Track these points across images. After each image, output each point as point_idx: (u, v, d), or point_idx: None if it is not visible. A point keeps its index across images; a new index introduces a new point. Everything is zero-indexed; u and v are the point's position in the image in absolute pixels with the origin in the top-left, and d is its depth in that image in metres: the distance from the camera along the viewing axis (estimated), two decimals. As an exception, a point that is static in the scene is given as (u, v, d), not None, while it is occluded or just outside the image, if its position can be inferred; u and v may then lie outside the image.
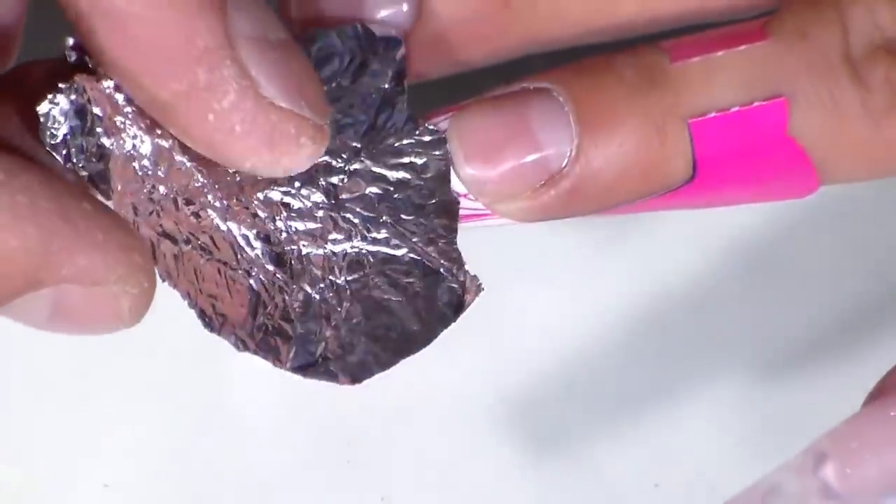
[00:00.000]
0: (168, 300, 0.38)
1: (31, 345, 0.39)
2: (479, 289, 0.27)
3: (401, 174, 0.27)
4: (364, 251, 0.27)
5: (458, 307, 0.27)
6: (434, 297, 0.27)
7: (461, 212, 0.27)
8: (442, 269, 0.27)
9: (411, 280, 0.27)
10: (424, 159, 0.27)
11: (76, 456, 0.39)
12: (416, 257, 0.27)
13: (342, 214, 0.27)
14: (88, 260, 0.23)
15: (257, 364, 0.38)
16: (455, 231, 0.27)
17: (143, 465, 0.38)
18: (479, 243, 0.28)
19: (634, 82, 0.26)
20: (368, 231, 0.27)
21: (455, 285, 0.27)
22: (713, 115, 0.26)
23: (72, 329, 0.25)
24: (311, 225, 0.27)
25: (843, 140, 0.26)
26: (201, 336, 0.38)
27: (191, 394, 0.37)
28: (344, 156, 0.27)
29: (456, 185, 0.27)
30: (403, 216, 0.27)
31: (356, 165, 0.27)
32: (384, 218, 0.27)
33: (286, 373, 0.30)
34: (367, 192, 0.27)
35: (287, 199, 0.26)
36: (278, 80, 0.24)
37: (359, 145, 0.27)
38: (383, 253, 0.27)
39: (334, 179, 0.27)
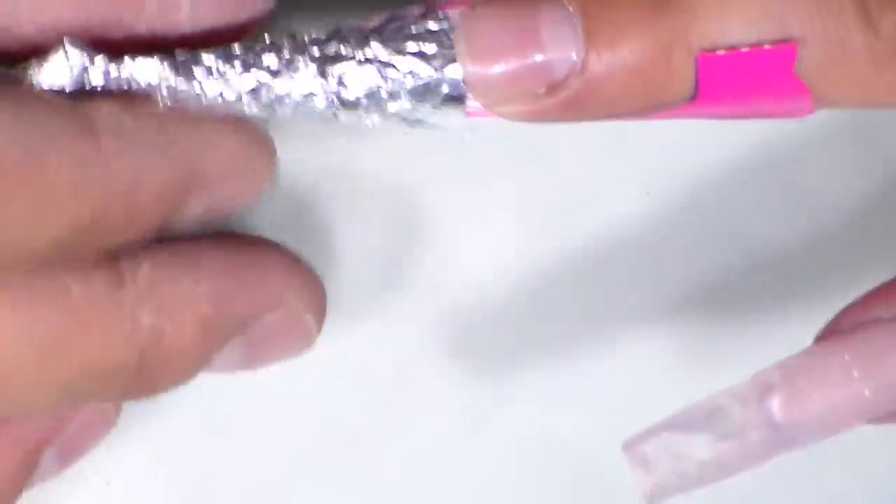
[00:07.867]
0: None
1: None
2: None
3: (410, 62, 0.27)
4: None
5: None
6: None
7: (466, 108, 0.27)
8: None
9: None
10: (435, 48, 0.27)
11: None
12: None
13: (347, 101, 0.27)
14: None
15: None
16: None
17: (145, 464, 0.37)
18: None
19: (647, 4, 0.26)
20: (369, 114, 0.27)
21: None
22: (721, 53, 0.26)
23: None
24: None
25: (844, 79, 0.27)
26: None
27: (192, 392, 0.37)
28: (353, 41, 0.26)
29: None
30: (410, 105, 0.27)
31: (367, 54, 0.27)
32: (390, 107, 0.27)
33: (287, 372, 0.31)
34: (374, 84, 0.27)
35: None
36: None
37: (370, 28, 0.27)
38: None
39: (342, 66, 0.27)
